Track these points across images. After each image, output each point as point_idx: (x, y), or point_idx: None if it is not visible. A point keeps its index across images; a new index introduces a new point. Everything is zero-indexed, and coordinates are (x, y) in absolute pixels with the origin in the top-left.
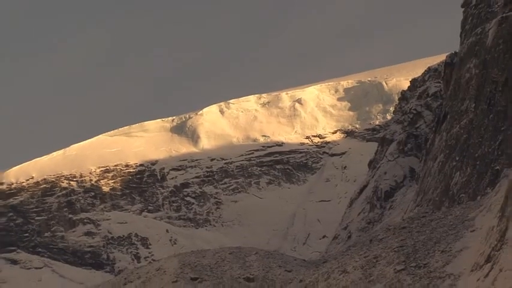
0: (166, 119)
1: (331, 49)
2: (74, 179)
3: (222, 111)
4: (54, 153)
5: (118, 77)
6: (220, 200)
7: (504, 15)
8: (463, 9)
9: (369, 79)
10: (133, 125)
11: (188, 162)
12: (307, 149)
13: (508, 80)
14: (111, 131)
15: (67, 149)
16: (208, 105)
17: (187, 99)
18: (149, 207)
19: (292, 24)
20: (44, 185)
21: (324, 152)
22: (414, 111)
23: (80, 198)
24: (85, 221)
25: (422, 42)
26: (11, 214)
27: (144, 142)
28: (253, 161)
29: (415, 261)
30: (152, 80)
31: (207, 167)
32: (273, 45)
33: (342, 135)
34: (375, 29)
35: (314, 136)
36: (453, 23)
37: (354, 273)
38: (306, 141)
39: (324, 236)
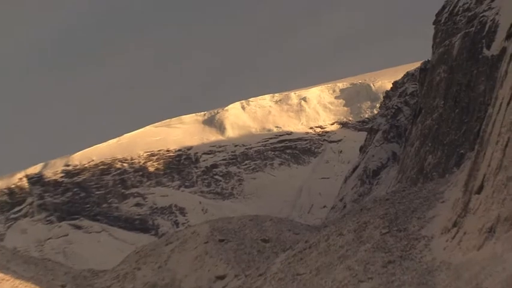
0: (199, 113)
1: (329, 57)
2: (126, 161)
3: (243, 107)
4: (110, 141)
5: (161, 79)
6: (242, 178)
7: (467, 31)
8: (434, 26)
9: (360, 81)
10: (173, 118)
11: (216, 148)
12: (311, 137)
13: (470, 82)
14: (156, 123)
15: (120, 137)
16: (232, 103)
17: (216, 98)
18: (186, 184)
19: (299, 35)
20: (102, 166)
21: (324, 140)
22: (396, 107)
23: (131, 176)
24: (135, 194)
25: (402, 52)
26: (76, 189)
27: (182, 132)
28: (268, 147)
29: (397, 226)
30: (188, 81)
31: (231, 152)
32: (283, 53)
33: (339, 126)
34: (364, 42)
35: (316, 127)
36: (426, 37)
37: (348, 235)
38: (310, 131)
39: (324, 206)
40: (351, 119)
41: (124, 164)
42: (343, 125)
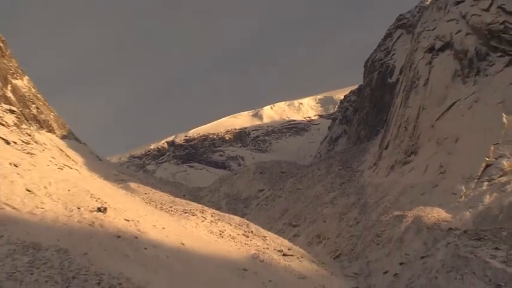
0: (249, 111)
1: (315, 80)
2: (215, 134)
3: (271, 108)
4: (208, 124)
5: (233, 93)
6: (271, 142)
7: (380, 70)
8: (364, 67)
9: (328, 95)
10: (237, 113)
11: (258, 128)
12: (305, 123)
13: (382, 95)
14: (229, 115)
15: (212, 122)
16: (265, 106)
17: (258, 103)
18: (244, 145)
19: (299, 68)
20: (203, 137)
21: (311, 124)
22: (346, 107)
23: (217, 142)
24: (219, 150)
25: (348, 80)
26: (190, 148)
27: (242, 120)
28: (283, 127)
29: (347, 165)
30: (247, 95)
31: (265, 130)
32: (289, 79)
33: (318, 117)
34: (333, 73)
35: (307, 117)
36: (360, 72)
37: (322, 169)
38: (304, 119)
39: (311, 155)
40: (324, 113)
41: (214, 135)
42: (320, 116)
